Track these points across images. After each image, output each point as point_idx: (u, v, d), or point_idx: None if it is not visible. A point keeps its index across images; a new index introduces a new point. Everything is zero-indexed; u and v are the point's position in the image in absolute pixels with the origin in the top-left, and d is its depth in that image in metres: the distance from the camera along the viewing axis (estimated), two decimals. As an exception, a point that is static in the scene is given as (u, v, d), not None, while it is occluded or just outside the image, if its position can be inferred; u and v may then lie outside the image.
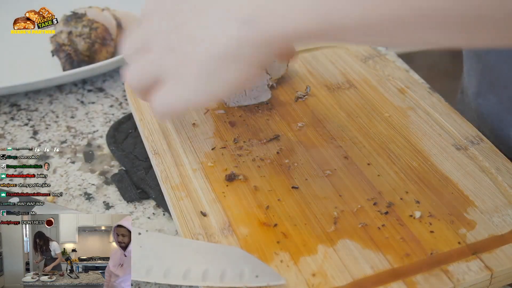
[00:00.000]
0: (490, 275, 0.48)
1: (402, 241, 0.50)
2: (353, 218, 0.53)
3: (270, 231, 0.52)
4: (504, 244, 0.50)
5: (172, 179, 0.57)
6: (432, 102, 0.67)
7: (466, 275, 0.47)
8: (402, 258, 0.49)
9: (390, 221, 0.52)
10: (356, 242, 0.50)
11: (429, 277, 0.47)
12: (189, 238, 0.51)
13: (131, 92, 0.69)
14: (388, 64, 0.74)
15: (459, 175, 0.57)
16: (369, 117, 0.65)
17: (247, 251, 0.50)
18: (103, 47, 0.76)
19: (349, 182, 0.56)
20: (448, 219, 0.52)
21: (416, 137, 0.62)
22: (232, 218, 0.53)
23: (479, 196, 0.55)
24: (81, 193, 0.60)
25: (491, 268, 0.48)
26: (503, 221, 0.52)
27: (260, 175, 0.57)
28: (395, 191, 0.55)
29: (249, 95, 0.67)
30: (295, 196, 0.55)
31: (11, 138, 0.68)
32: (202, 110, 0.67)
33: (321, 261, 0.49)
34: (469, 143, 0.61)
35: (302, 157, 0.60)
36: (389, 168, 0.58)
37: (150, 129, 0.64)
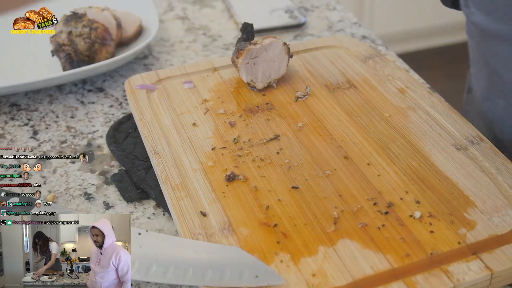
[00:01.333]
0: (490, 275, 0.48)
1: (402, 241, 0.50)
2: (353, 218, 0.53)
3: (270, 231, 0.52)
4: (504, 244, 0.50)
5: (172, 179, 0.57)
6: (432, 102, 0.67)
7: (466, 275, 0.47)
8: (402, 258, 0.49)
9: (390, 221, 0.52)
10: (356, 242, 0.50)
11: (429, 277, 0.47)
12: (189, 238, 0.51)
13: (131, 92, 0.69)
14: (388, 64, 0.74)
15: (459, 175, 0.57)
16: (369, 117, 0.65)
17: (247, 251, 0.50)
18: (103, 47, 0.75)
19: (349, 182, 0.56)
20: (448, 219, 0.52)
21: (416, 137, 0.62)
22: (232, 218, 0.53)
23: (479, 196, 0.55)
24: (81, 193, 0.60)
25: (491, 268, 0.48)
26: (503, 221, 0.52)
27: (260, 175, 0.57)
28: (395, 191, 0.55)
29: (272, 67, 0.69)
30: (295, 196, 0.55)
31: (11, 138, 0.68)
32: (202, 110, 0.67)
33: (321, 261, 0.49)
34: (469, 143, 0.61)
35: (302, 157, 0.60)
36: (389, 168, 0.58)
37: (150, 129, 0.64)
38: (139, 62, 0.81)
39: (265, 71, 0.69)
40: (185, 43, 0.86)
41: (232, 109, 0.67)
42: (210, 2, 0.98)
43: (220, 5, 0.97)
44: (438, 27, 2.30)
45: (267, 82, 0.70)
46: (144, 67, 0.81)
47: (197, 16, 0.94)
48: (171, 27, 0.91)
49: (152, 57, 0.83)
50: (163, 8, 0.96)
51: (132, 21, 0.84)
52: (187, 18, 0.93)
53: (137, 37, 0.84)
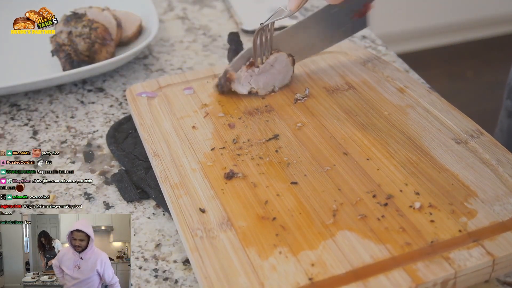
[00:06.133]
0: (492, 261, 0.47)
1: (402, 231, 0.50)
2: (352, 210, 0.52)
3: (269, 224, 0.51)
4: (506, 231, 0.49)
5: (171, 179, 0.57)
6: (431, 99, 0.67)
7: (467, 261, 0.47)
8: (402, 247, 0.48)
9: (389, 212, 0.52)
10: (356, 233, 0.50)
11: (430, 264, 0.47)
12: (188, 234, 0.51)
13: (132, 99, 0.70)
14: (387, 66, 0.74)
15: (460, 167, 0.56)
16: (368, 115, 0.65)
17: (246, 244, 0.49)
18: (103, 47, 0.76)
19: (348, 176, 0.56)
20: (449, 208, 0.52)
21: (416, 132, 0.62)
22: (230, 213, 0.53)
23: (480, 186, 0.54)
24: (81, 193, 0.60)
25: (493, 254, 0.47)
26: (504, 209, 0.51)
27: (259, 173, 0.57)
28: (394, 183, 0.55)
29: (277, 79, 0.69)
30: (294, 191, 0.55)
31: (11, 138, 0.68)
32: (202, 114, 0.67)
33: (320, 251, 0.48)
34: (469, 137, 0.60)
35: (301, 154, 0.60)
36: (389, 162, 0.58)
37: (150, 133, 0.64)
38: (139, 62, 0.82)
39: (268, 81, 0.69)
40: (185, 43, 0.87)
41: (231, 112, 0.67)
42: (210, 2, 0.99)
43: (220, 5, 0.98)
44: (438, 27, 2.30)
45: (269, 90, 0.70)
46: (144, 67, 0.81)
47: (197, 16, 0.95)
48: (171, 27, 0.91)
49: (152, 57, 0.84)
50: (163, 8, 0.97)
51: (132, 21, 0.84)
52: (187, 18, 0.94)
53: (137, 37, 0.84)
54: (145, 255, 0.54)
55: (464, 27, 2.26)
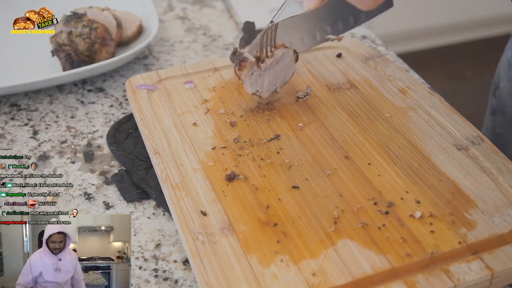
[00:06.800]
0: (491, 275, 0.47)
1: (403, 241, 0.50)
2: (353, 217, 0.52)
3: (270, 230, 0.51)
4: (505, 244, 0.50)
5: (172, 179, 0.57)
6: (433, 102, 0.67)
7: (466, 275, 0.47)
8: (402, 258, 0.49)
9: (390, 221, 0.52)
10: (356, 242, 0.50)
11: (430, 277, 0.47)
12: (189, 237, 0.51)
13: (132, 92, 0.69)
14: (388, 65, 0.74)
15: (460, 175, 0.57)
16: (370, 117, 0.65)
17: (247, 250, 0.50)
18: (103, 47, 0.76)
19: (350, 182, 0.56)
20: (449, 219, 0.52)
21: (417, 137, 0.62)
22: (232, 217, 0.53)
23: (480, 196, 0.54)
24: (81, 193, 0.60)
25: (492, 268, 0.48)
26: (503, 221, 0.52)
27: (261, 175, 0.57)
28: (395, 191, 0.55)
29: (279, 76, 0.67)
30: (295, 196, 0.55)
31: (11, 138, 0.68)
32: (202, 110, 0.67)
33: (321, 260, 0.49)
34: (470, 144, 0.61)
35: (303, 157, 0.59)
36: (390, 168, 0.58)
37: (150, 129, 0.64)
38: (139, 62, 0.81)
39: (271, 80, 0.67)
40: (185, 43, 0.87)
41: (232, 109, 0.67)
42: (210, 2, 0.98)
43: (220, 5, 0.97)
44: (438, 27, 2.30)
45: (271, 91, 0.68)
46: (144, 67, 0.81)
47: (197, 16, 0.94)
48: (171, 27, 0.91)
49: (152, 57, 0.83)
50: (163, 8, 0.96)
51: (132, 21, 0.84)
52: (187, 18, 0.94)
53: (137, 37, 0.84)
54: (145, 255, 0.54)
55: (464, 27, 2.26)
